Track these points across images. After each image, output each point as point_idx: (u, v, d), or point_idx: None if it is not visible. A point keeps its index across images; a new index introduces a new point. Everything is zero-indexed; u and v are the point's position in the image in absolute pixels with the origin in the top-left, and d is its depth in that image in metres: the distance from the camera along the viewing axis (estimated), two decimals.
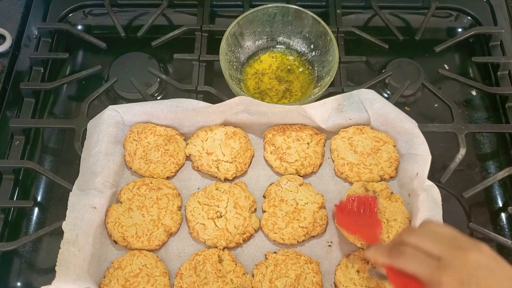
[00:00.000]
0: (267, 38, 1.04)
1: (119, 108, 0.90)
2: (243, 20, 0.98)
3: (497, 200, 0.93)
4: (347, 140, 0.91)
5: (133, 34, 1.10)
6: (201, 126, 0.93)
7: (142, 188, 0.86)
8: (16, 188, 0.93)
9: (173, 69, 1.09)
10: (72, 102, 1.05)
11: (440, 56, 1.08)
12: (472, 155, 0.98)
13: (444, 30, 1.15)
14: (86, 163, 0.86)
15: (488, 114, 1.04)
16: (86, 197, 0.82)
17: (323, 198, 0.86)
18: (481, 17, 1.14)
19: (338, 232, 0.85)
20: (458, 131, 0.94)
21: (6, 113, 1.01)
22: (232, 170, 0.89)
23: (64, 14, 1.15)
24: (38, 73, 1.06)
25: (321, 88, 0.93)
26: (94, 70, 1.03)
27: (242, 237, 0.83)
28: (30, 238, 0.85)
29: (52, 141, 1.00)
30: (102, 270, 0.81)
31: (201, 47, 1.06)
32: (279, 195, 0.86)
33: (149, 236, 0.82)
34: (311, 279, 0.79)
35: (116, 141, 0.90)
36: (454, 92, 1.06)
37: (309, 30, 1.00)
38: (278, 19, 1.01)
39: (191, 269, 0.79)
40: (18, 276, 0.86)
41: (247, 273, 0.81)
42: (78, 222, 0.80)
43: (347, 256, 0.82)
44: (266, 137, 0.93)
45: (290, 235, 0.83)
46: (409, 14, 1.16)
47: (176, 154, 0.90)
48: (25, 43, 1.10)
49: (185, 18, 1.15)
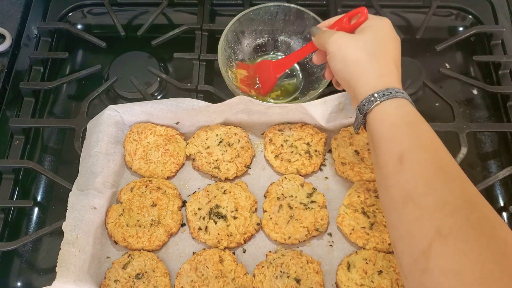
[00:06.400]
0: (268, 37, 1.04)
1: (119, 108, 0.90)
2: (244, 17, 0.97)
3: (498, 200, 0.93)
4: (348, 139, 0.91)
5: (133, 33, 1.10)
6: (201, 126, 0.93)
7: (142, 188, 0.86)
8: (16, 188, 0.93)
9: (173, 68, 1.09)
10: (72, 101, 1.05)
11: (441, 55, 1.08)
12: (473, 154, 0.97)
13: (445, 29, 1.15)
14: (86, 163, 0.86)
15: (489, 113, 1.03)
16: (86, 197, 0.82)
17: (324, 197, 0.86)
18: (482, 16, 1.14)
19: (340, 232, 0.85)
20: (459, 130, 0.94)
21: (6, 112, 1.00)
22: (233, 170, 0.88)
23: (64, 13, 1.14)
24: (38, 73, 1.06)
25: (318, 89, 0.93)
26: (94, 70, 1.03)
27: (243, 237, 0.83)
28: (30, 238, 0.85)
29: (52, 141, 1.00)
30: (102, 271, 0.81)
31: (201, 46, 1.06)
32: (280, 194, 0.86)
33: (150, 237, 0.82)
34: (312, 279, 0.78)
35: (116, 141, 0.90)
36: (455, 91, 1.06)
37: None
38: (279, 18, 1.01)
39: (191, 269, 0.79)
40: (18, 276, 0.86)
41: (248, 273, 0.81)
42: (78, 223, 0.79)
43: (349, 255, 0.82)
44: (266, 136, 0.92)
45: (291, 235, 0.83)
46: (410, 13, 1.16)
47: (176, 154, 0.90)
48: (25, 43, 1.10)
49: (185, 17, 1.15)
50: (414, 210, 0.58)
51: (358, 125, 0.73)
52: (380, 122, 0.67)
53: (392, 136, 0.65)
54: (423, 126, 0.66)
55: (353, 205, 0.85)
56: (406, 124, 0.65)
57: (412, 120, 0.66)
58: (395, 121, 0.66)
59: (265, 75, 0.97)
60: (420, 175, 0.60)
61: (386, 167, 0.64)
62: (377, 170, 0.68)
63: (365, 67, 0.71)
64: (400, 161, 0.62)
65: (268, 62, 0.98)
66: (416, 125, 0.66)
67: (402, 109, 0.67)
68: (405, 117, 0.66)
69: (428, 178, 0.59)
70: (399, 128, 0.65)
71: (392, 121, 0.66)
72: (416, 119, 0.66)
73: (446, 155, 0.63)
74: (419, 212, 0.58)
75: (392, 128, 0.66)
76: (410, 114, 0.67)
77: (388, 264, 0.79)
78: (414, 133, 0.65)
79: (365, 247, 0.82)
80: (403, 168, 0.62)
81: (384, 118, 0.67)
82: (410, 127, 0.65)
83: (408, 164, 0.61)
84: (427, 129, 0.66)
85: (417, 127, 0.65)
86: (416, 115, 0.67)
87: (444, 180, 0.59)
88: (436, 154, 0.63)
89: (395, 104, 0.67)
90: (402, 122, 0.66)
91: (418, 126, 0.66)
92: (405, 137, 0.64)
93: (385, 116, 0.67)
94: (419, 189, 0.59)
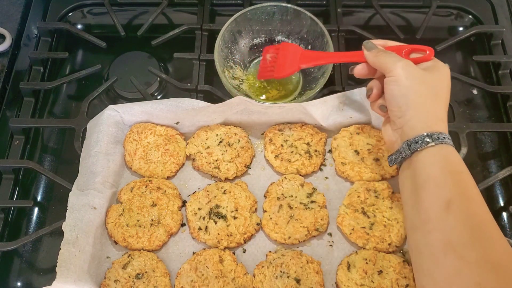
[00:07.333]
0: (265, 37, 1.04)
1: (119, 108, 0.90)
2: (241, 17, 0.97)
3: (498, 200, 0.93)
4: (348, 139, 0.91)
5: (133, 33, 1.09)
6: (201, 126, 0.93)
7: (142, 188, 0.86)
8: (16, 188, 0.93)
9: (173, 68, 1.09)
10: (72, 101, 1.05)
11: (441, 55, 1.08)
12: (473, 154, 0.97)
13: (445, 29, 1.15)
14: (86, 163, 0.86)
15: (489, 113, 1.03)
16: (86, 197, 0.82)
17: (324, 197, 0.86)
18: (482, 16, 1.14)
19: (340, 232, 0.85)
20: (459, 130, 0.94)
21: (5, 112, 1.00)
22: (233, 170, 0.88)
23: (63, 13, 1.14)
24: (37, 73, 1.06)
25: (315, 89, 0.92)
26: (94, 70, 1.03)
27: (243, 237, 0.83)
28: (30, 238, 0.85)
29: (52, 141, 1.00)
30: (102, 271, 0.81)
31: (201, 46, 1.06)
32: (280, 194, 0.86)
33: (150, 237, 0.82)
34: (312, 279, 0.78)
35: (116, 141, 0.90)
36: (455, 91, 1.05)
37: (307, 31, 0.99)
38: (276, 18, 1.01)
39: (191, 269, 0.79)
40: (18, 276, 0.86)
41: (248, 273, 0.81)
42: (78, 223, 0.80)
43: (349, 255, 0.82)
44: (266, 136, 0.92)
45: (291, 235, 0.83)
46: (410, 13, 1.16)
47: (176, 154, 0.90)
48: (25, 43, 1.10)
49: (185, 17, 1.15)
50: (455, 260, 0.59)
51: (401, 159, 0.72)
52: (430, 164, 0.67)
53: (441, 181, 0.65)
54: (469, 177, 0.67)
55: (353, 205, 0.85)
56: (455, 172, 0.66)
57: (460, 170, 0.67)
58: (445, 167, 0.67)
59: (288, 58, 0.91)
60: (465, 226, 0.60)
61: (429, 211, 0.64)
62: (415, 211, 0.67)
63: (428, 105, 0.71)
64: (447, 207, 0.62)
65: (297, 47, 0.94)
66: (463, 175, 0.67)
67: (452, 156, 0.68)
68: (454, 165, 0.67)
69: (472, 230, 0.60)
70: (449, 175, 0.66)
71: (443, 166, 0.67)
72: (463, 169, 0.67)
73: (487, 211, 0.64)
74: (461, 264, 0.58)
75: (442, 173, 0.66)
76: (459, 164, 0.68)
77: (388, 264, 0.79)
78: (462, 183, 0.65)
79: (365, 247, 0.82)
80: (449, 216, 0.62)
81: (435, 162, 0.67)
82: (458, 176, 0.66)
83: (454, 213, 0.62)
84: (472, 181, 0.67)
85: (464, 177, 0.66)
86: (463, 165, 0.68)
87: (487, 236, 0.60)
88: (480, 208, 0.64)
89: (446, 150, 0.68)
90: (451, 170, 0.66)
91: (465, 176, 0.67)
92: (453, 185, 0.65)
93: (437, 160, 0.67)
94: (463, 241, 0.59)
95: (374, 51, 0.78)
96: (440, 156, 0.67)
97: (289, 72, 0.91)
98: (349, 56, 0.85)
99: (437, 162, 0.67)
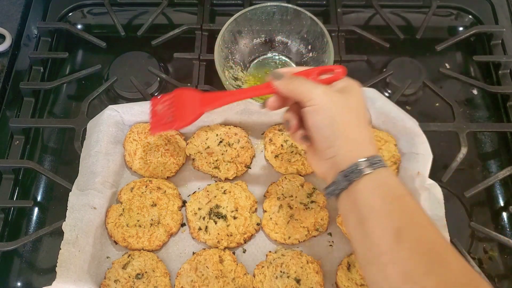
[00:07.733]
0: (265, 37, 1.04)
1: (119, 108, 0.90)
2: (241, 17, 0.97)
3: (498, 200, 0.93)
4: None
5: (133, 33, 1.09)
6: (201, 126, 0.93)
7: (142, 188, 0.86)
8: (16, 188, 0.93)
9: (173, 68, 1.09)
10: (72, 101, 1.05)
11: (441, 55, 1.08)
12: (473, 154, 0.97)
13: (445, 29, 1.15)
14: (86, 163, 0.86)
15: (489, 113, 1.03)
16: (86, 197, 0.82)
17: (324, 197, 0.86)
18: (482, 16, 1.14)
19: (340, 232, 0.85)
20: (459, 130, 0.94)
21: (5, 112, 1.00)
22: (233, 170, 0.88)
23: (63, 13, 1.14)
24: (37, 73, 1.06)
25: None
26: (94, 70, 1.03)
27: (243, 237, 0.83)
28: (30, 238, 0.85)
29: (52, 141, 1.00)
30: (102, 271, 0.81)
31: (201, 46, 1.06)
32: (280, 194, 0.86)
33: (150, 237, 0.82)
34: (312, 279, 0.78)
35: (116, 141, 0.90)
36: (455, 91, 1.06)
37: (307, 31, 0.99)
38: (276, 18, 1.01)
39: (191, 269, 0.79)
40: (18, 276, 0.86)
41: (248, 273, 0.81)
42: (78, 223, 0.80)
43: (349, 256, 0.82)
44: (266, 136, 0.92)
45: (291, 235, 0.83)
46: (410, 13, 1.16)
47: (176, 154, 0.90)
48: (25, 43, 1.10)
49: (185, 17, 1.14)
50: None
51: (339, 191, 0.66)
52: (371, 193, 0.63)
53: (386, 210, 0.61)
54: (412, 200, 0.63)
55: None
56: (397, 197, 0.62)
57: (402, 193, 0.63)
58: (387, 194, 0.63)
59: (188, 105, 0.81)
60: (419, 254, 0.58)
61: (380, 243, 0.60)
62: (366, 245, 0.62)
63: (355, 131, 0.66)
64: (398, 237, 0.59)
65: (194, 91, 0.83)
66: (406, 198, 0.63)
67: (391, 180, 0.64)
68: (395, 189, 0.63)
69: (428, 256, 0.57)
70: (392, 201, 0.62)
71: (384, 194, 0.63)
72: (404, 191, 0.63)
73: (437, 232, 0.61)
74: None
75: (385, 202, 0.62)
76: (399, 186, 0.64)
77: None
78: (407, 208, 0.62)
79: None
80: (401, 246, 0.59)
81: (375, 189, 0.63)
82: (402, 200, 0.62)
83: (406, 242, 0.59)
84: (416, 204, 0.63)
85: (407, 201, 0.63)
86: (403, 187, 0.64)
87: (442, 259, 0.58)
88: (430, 231, 0.61)
89: (384, 174, 0.64)
90: (393, 195, 0.63)
91: (408, 200, 0.63)
92: (399, 212, 0.61)
93: (376, 186, 0.63)
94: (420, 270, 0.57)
95: (285, 80, 0.70)
96: (379, 182, 0.63)
97: (191, 119, 0.81)
98: (258, 89, 0.76)
99: (377, 190, 0.63)
